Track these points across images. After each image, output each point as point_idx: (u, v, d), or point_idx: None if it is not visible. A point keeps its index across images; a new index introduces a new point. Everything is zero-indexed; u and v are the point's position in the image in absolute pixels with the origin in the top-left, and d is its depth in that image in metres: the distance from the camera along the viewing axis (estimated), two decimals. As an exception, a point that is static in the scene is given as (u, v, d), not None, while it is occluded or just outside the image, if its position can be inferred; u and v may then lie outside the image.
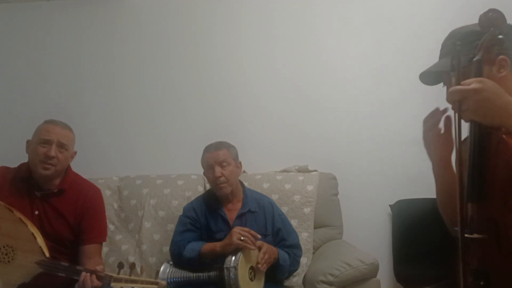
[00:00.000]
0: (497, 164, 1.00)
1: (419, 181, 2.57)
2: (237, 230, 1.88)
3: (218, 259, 1.90)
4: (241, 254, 1.83)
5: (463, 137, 1.07)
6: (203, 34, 2.77)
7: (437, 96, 1.30)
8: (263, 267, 1.88)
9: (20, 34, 2.82)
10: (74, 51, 2.81)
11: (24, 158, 1.87)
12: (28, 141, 1.87)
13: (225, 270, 1.80)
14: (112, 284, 1.59)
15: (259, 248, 1.90)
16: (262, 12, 2.76)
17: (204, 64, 2.76)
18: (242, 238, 1.84)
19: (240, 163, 2.14)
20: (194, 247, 1.95)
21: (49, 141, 1.79)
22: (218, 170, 2.02)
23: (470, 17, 1.15)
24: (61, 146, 1.81)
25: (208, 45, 2.76)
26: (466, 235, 1.03)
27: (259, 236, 1.91)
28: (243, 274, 1.81)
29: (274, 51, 2.74)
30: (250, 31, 2.76)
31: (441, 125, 1.25)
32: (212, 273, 1.87)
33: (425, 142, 1.28)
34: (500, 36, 1.01)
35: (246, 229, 1.90)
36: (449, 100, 1.03)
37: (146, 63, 2.79)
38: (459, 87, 1.01)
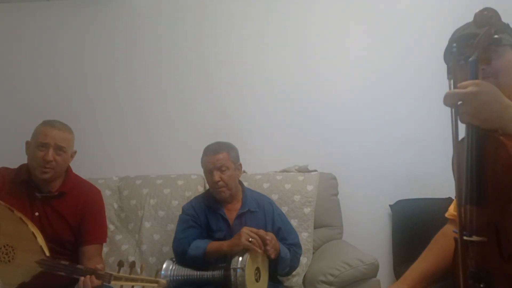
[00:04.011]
0: (496, 168, 0.99)
1: (419, 181, 2.60)
2: (246, 231, 1.86)
3: (222, 258, 1.89)
4: (248, 255, 1.82)
5: (460, 138, 1.07)
6: (204, 34, 2.76)
7: (437, 97, 1.30)
8: (272, 251, 1.88)
9: (20, 34, 2.82)
10: (74, 51, 2.80)
11: (25, 159, 1.87)
12: (27, 142, 1.85)
13: (231, 270, 1.78)
14: (112, 283, 1.60)
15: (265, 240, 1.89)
16: (262, 13, 2.75)
17: (204, 65, 2.76)
18: (250, 239, 1.83)
19: (240, 164, 2.13)
20: (199, 245, 1.94)
21: (47, 145, 1.77)
22: (216, 174, 2.01)
23: (471, 17, 1.15)
24: (59, 149, 1.80)
25: (208, 45, 2.76)
26: (465, 237, 1.03)
27: (268, 238, 1.88)
28: (249, 275, 1.80)
29: (275, 52, 2.73)
30: (250, 31, 2.75)
31: None
32: (216, 272, 1.85)
33: None
34: (496, 36, 1.01)
35: (255, 230, 1.88)
36: (445, 103, 1.02)
37: (146, 64, 2.78)
38: (455, 90, 1.00)
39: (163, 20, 2.80)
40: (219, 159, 2.02)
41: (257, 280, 1.86)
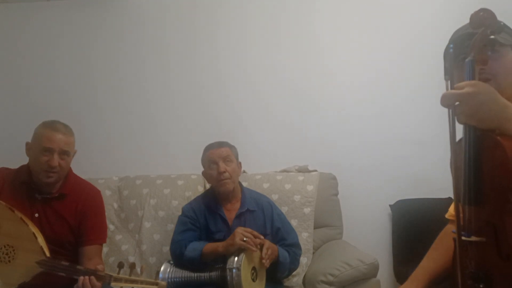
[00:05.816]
0: (493, 167, 1.00)
1: (419, 181, 2.59)
2: (240, 230, 1.87)
3: (219, 259, 1.89)
4: (244, 255, 1.82)
5: (457, 138, 1.07)
6: (204, 35, 2.76)
7: (438, 97, 1.30)
8: (267, 263, 1.87)
9: (20, 34, 2.82)
10: (74, 51, 2.80)
11: (25, 159, 1.87)
12: (27, 143, 1.84)
13: (227, 270, 1.79)
14: (112, 284, 1.60)
15: (261, 245, 1.90)
16: (263, 14, 2.75)
17: (205, 65, 2.76)
18: (244, 239, 1.83)
19: (240, 163, 2.14)
20: (195, 247, 1.95)
21: (51, 150, 1.76)
22: (222, 165, 2.02)
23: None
24: (63, 153, 1.80)
25: (209, 46, 2.76)
26: (463, 238, 1.03)
27: (262, 237, 1.90)
28: (245, 274, 1.80)
29: (275, 52, 2.73)
30: (251, 33, 2.75)
31: None
32: (213, 273, 1.86)
33: None
34: (491, 36, 1.01)
35: (249, 229, 1.89)
36: (442, 104, 1.03)
37: (146, 64, 2.78)
38: (452, 91, 1.01)
39: (163, 21, 2.80)
40: (224, 151, 2.06)
41: (253, 280, 1.86)
